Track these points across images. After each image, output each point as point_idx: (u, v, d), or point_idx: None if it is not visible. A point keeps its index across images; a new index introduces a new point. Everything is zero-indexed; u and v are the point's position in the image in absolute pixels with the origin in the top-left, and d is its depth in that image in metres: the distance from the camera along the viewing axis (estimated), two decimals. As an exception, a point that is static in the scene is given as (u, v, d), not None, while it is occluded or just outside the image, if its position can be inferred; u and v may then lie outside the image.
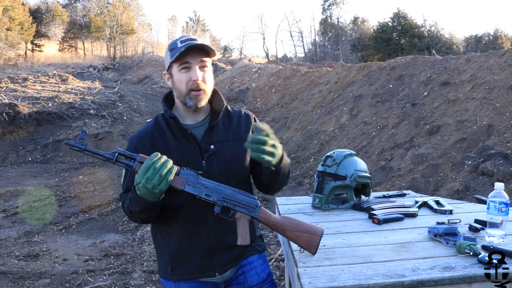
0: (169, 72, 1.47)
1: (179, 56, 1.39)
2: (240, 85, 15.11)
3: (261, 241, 1.64)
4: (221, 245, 1.48)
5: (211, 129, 1.49)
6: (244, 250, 1.54)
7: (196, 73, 1.41)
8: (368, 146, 7.15)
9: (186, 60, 1.41)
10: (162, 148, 1.45)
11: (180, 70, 1.43)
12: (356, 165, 1.99)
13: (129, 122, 10.86)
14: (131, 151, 1.47)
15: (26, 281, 3.51)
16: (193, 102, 1.44)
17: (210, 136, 1.48)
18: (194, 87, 1.42)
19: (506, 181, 4.73)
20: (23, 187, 6.48)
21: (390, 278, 1.21)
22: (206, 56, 1.44)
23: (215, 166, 1.46)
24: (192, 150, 1.46)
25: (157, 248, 1.57)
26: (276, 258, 3.79)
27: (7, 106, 9.59)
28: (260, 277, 1.58)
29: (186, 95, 1.44)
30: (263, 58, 37.27)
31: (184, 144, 1.46)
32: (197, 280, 1.51)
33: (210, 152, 1.46)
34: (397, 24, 31.18)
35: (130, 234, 4.65)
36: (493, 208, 1.47)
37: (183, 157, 1.44)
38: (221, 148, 1.48)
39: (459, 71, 7.75)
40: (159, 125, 1.51)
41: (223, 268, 1.50)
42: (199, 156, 1.46)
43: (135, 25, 36.66)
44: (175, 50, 1.41)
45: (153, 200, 1.32)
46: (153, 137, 1.48)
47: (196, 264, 1.48)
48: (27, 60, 28.06)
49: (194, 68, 1.42)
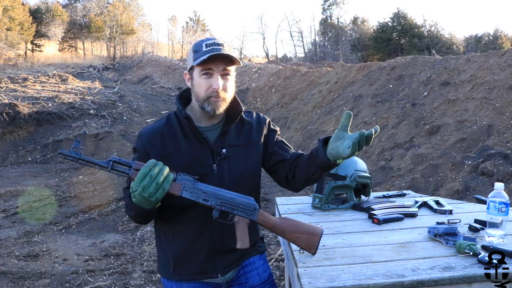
0: (190, 73, 1.44)
1: (202, 62, 1.36)
2: (240, 85, 15.11)
3: (261, 242, 1.64)
4: (225, 247, 1.47)
5: (225, 133, 1.47)
6: (245, 251, 1.53)
7: (217, 81, 1.37)
8: (368, 146, 7.15)
9: (208, 66, 1.37)
10: (172, 149, 1.43)
11: (201, 75, 1.39)
12: (356, 165, 1.99)
13: (129, 122, 10.86)
14: (140, 149, 1.45)
15: (26, 281, 3.51)
16: (211, 108, 1.40)
17: (223, 140, 1.46)
18: (214, 95, 1.39)
19: (506, 181, 4.73)
20: (23, 187, 6.48)
21: (390, 278, 1.21)
22: (230, 65, 1.40)
23: (226, 170, 1.44)
24: (204, 153, 1.43)
25: (159, 247, 1.56)
26: (276, 258, 3.79)
27: (7, 106, 9.59)
28: (261, 277, 1.58)
29: (204, 101, 1.40)
30: (263, 58, 37.29)
31: (196, 147, 1.43)
32: (199, 281, 1.51)
33: (222, 156, 1.44)
34: (397, 24, 31.19)
35: (130, 234, 4.65)
36: (493, 208, 1.47)
37: (194, 160, 1.42)
38: (232, 152, 1.46)
39: (459, 71, 7.76)
40: (170, 124, 1.47)
41: (225, 269, 1.50)
42: (210, 160, 1.43)
43: (135, 25, 36.68)
44: (198, 53, 1.37)
45: (149, 207, 1.29)
46: (164, 136, 1.45)
47: (199, 265, 1.47)
48: (27, 60, 28.07)
49: (216, 76, 1.38)
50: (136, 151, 1.48)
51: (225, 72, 1.40)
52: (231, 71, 1.42)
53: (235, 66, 1.44)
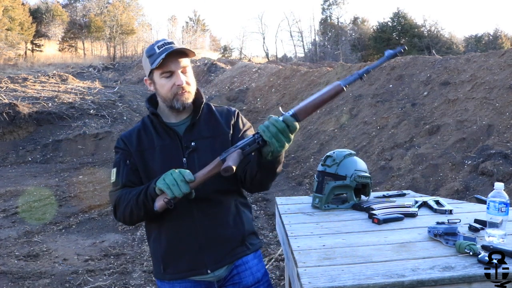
0: (151, 78, 1.48)
1: (160, 64, 1.40)
2: (240, 85, 15.10)
3: (255, 239, 1.62)
4: (210, 239, 1.47)
5: (193, 126, 1.51)
6: (236, 246, 1.53)
7: (180, 78, 1.43)
8: (368, 146, 7.15)
9: (168, 67, 1.42)
10: (147, 144, 1.50)
11: (161, 77, 1.44)
12: (356, 165, 1.99)
13: (129, 122, 10.86)
14: (121, 146, 1.52)
15: (26, 281, 3.51)
16: (180, 104, 1.46)
17: (191, 133, 1.50)
18: (179, 91, 1.44)
19: (506, 181, 4.73)
20: (23, 187, 6.48)
21: (390, 278, 1.21)
22: (185, 57, 1.45)
23: (196, 163, 1.46)
24: (174, 147, 1.48)
25: (151, 249, 1.58)
26: (276, 258, 3.79)
27: (7, 106, 9.59)
28: (255, 277, 1.57)
29: (172, 100, 1.45)
30: (263, 58, 37.26)
31: (166, 141, 1.49)
32: (191, 280, 1.51)
33: (190, 149, 1.48)
34: (397, 24, 31.19)
35: (130, 234, 4.65)
36: (493, 208, 1.47)
37: (166, 154, 1.47)
38: (202, 144, 1.49)
39: (459, 71, 7.76)
40: (145, 124, 1.55)
41: (215, 265, 1.49)
42: (180, 153, 1.48)
43: (135, 25, 36.68)
44: (154, 56, 1.42)
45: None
46: (140, 135, 1.52)
47: (187, 262, 1.48)
48: (27, 60, 28.07)
49: (177, 73, 1.43)
50: (118, 149, 1.54)
51: (184, 69, 1.46)
52: (188, 65, 1.48)
53: (189, 59, 1.49)
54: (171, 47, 1.41)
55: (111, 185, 1.52)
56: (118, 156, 1.52)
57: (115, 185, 1.50)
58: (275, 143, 1.27)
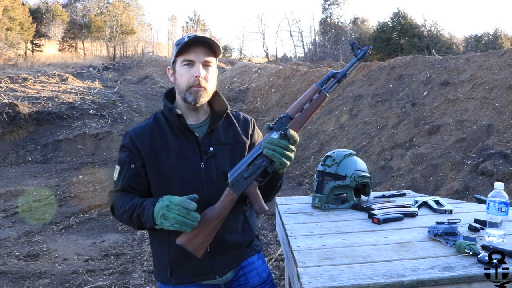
0: (173, 67, 1.45)
1: (183, 49, 1.38)
2: (240, 85, 15.10)
3: (258, 241, 1.63)
4: (220, 246, 1.46)
5: (212, 131, 1.47)
6: (243, 251, 1.53)
7: (198, 69, 1.39)
8: (368, 146, 7.15)
9: (190, 56, 1.39)
10: (160, 146, 1.43)
11: (183, 66, 1.40)
12: (356, 165, 1.99)
13: (129, 122, 10.85)
14: (129, 146, 1.44)
15: (26, 281, 3.51)
16: (192, 98, 1.40)
17: (210, 138, 1.46)
18: (195, 84, 1.39)
19: (505, 181, 4.73)
20: (23, 187, 6.48)
21: (390, 278, 1.21)
22: (211, 56, 1.42)
23: (213, 168, 1.44)
24: (192, 151, 1.43)
25: (154, 252, 1.54)
26: (276, 258, 3.79)
27: (7, 106, 9.59)
28: (261, 277, 1.58)
29: (186, 91, 1.41)
30: (263, 58, 37.26)
31: (183, 144, 1.43)
32: (197, 283, 1.49)
33: (209, 154, 1.44)
34: (397, 24, 31.16)
35: (130, 234, 4.65)
36: (492, 208, 1.47)
37: (182, 158, 1.42)
38: (219, 150, 1.46)
39: (459, 71, 7.76)
40: (159, 122, 1.47)
41: (223, 270, 1.48)
42: (198, 158, 1.43)
43: (135, 25, 36.64)
44: (181, 44, 1.40)
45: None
46: (153, 133, 1.45)
47: (197, 267, 1.46)
48: (27, 60, 28.04)
49: (197, 64, 1.39)
50: (125, 148, 1.45)
51: (207, 63, 1.42)
52: (212, 62, 1.44)
53: (216, 60, 1.46)
54: (200, 36, 1.40)
55: (113, 182, 1.50)
56: (124, 156, 1.45)
57: (115, 185, 1.48)
58: (285, 162, 1.35)
